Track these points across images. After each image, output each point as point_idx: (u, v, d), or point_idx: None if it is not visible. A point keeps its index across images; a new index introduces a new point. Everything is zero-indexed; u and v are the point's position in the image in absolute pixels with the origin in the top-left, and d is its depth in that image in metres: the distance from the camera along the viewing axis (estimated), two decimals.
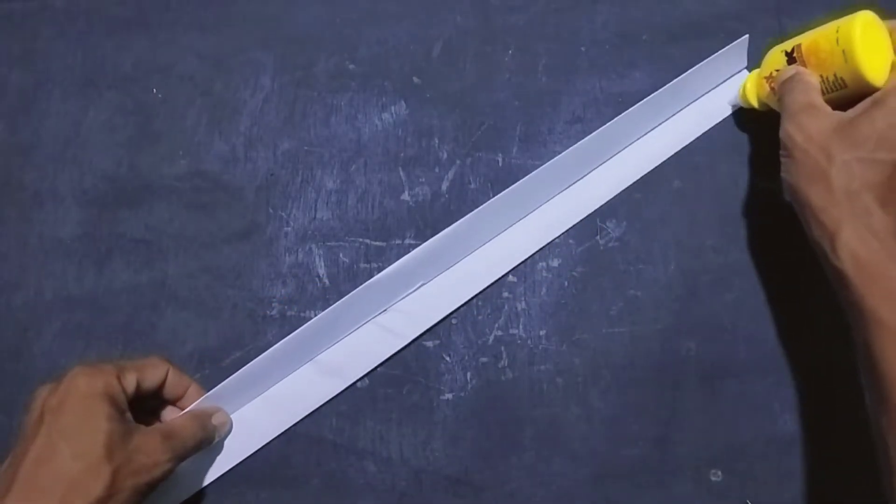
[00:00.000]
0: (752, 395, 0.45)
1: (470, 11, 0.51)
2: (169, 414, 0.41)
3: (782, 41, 0.44)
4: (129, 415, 0.37)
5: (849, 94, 0.40)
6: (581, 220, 0.47)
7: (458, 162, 0.49)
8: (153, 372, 0.39)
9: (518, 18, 0.51)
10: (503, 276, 0.46)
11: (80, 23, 0.52)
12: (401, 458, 0.44)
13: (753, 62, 0.49)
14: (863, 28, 0.39)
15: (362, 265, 0.47)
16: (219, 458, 0.43)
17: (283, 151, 0.49)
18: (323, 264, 0.47)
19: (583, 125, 0.49)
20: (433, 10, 0.52)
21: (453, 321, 0.46)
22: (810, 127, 0.38)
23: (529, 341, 0.46)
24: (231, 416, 0.43)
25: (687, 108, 0.50)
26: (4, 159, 0.49)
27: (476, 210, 0.44)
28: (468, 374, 0.45)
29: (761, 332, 0.46)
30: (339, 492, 0.43)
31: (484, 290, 0.46)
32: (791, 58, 0.42)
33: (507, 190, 0.45)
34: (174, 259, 0.47)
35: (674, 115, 0.50)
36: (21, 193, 0.49)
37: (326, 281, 0.47)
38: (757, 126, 0.49)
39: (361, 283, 0.46)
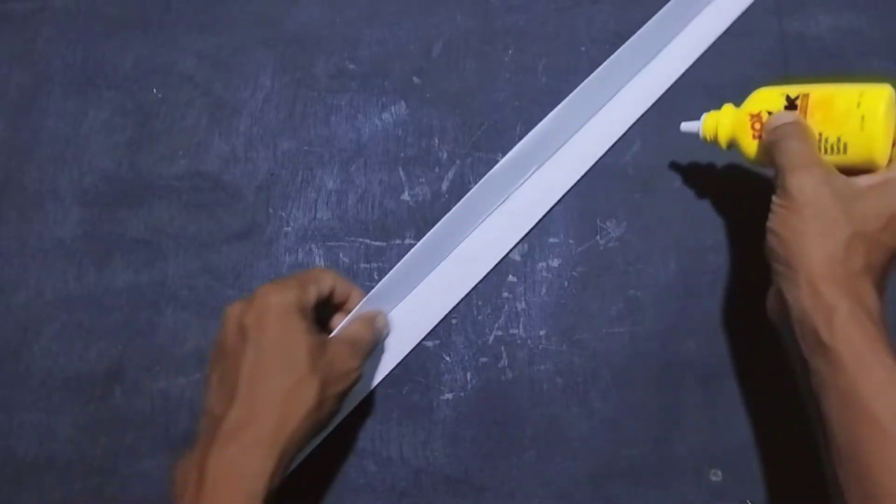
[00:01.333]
0: (752, 395, 0.45)
1: (470, 11, 0.51)
2: (337, 319, 0.42)
3: (778, 83, 0.41)
4: (316, 326, 0.38)
5: (843, 161, 0.38)
6: (581, 220, 0.47)
7: (458, 162, 0.49)
8: (325, 281, 0.40)
9: (518, 18, 0.51)
10: (508, 278, 0.46)
11: (80, 23, 0.52)
12: (401, 458, 0.44)
13: None
14: (888, 101, 0.37)
15: (362, 265, 0.47)
16: (382, 359, 0.45)
17: (283, 151, 0.49)
18: (323, 264, 0.47)
19: None
20: (433, 10, 0.52)
21: (453, 321, 0.46)
22: (824, 186, 0.36)
23: (529, 341, 0.46)
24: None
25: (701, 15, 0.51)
26: (4, 159, 0.49)
27: (569, 97, 0.46)
28: (468, 374, 0.45)
29: (761, 332, 0.45)
30: (339, 492, 0.43)
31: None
32: (792, 104, 0.39)
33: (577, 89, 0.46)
34: (174, 259, 0.47)
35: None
36: (21, 193, 0.49)
37: None
38: None
39: (361, 284, 0.46)
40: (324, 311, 0.41)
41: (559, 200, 0.48)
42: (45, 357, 0.46)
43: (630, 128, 0.49)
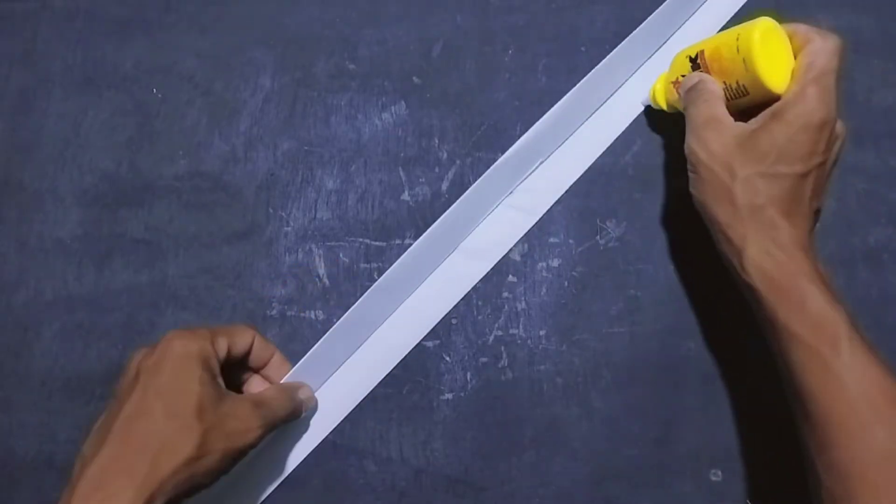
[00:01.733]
0: (752, 395, 0.45)
1: (470, 11, 0.51)
2: (255, 385, 0.41)
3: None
4: (220, 380, 0.37)
5: (751, 101, 0.39)
6: (581, 220, 0.47)
7: (458, 162, 0.49)
8: (242, 338, 0.40)
9: (518, 18, 0.51)
10: (507, 278, 0.46)
11: (80, 23, 0.52)
12: (401, 458, 0.44)
13: None
14: (762, 35, 0.38)
15: (362, 265, 0.47)
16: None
17: (283, 151, 0.49)
18: (323, 264, 0.47)
19: None
20: (433, 10, 0.52)
21: (453, 321, 0.46)
22: (713, 142, 0.38)
23: (529, 341, 0.46)
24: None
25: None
26: (4, 159, 0.49)
27: (580, 84, 0.46)
28: (468, 374, 0.45)
29: (761, 332, 0.45)
30: (339, 492, 0.43)
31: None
32: (695, 64, 0.41)
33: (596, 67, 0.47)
34: (174, 259, 0.47)
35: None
36: (21, 193, 0.49)
37: (326, 281, 0.47)
38: None
39: (361, 284, 0.46)
40: (239, 373, 0.41)
41: (559, 200, 0.48)
42: (45, 357, 0.46)
43: (630, 128, 0.49)
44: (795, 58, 0.38)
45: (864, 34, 0.51)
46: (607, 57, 0.47)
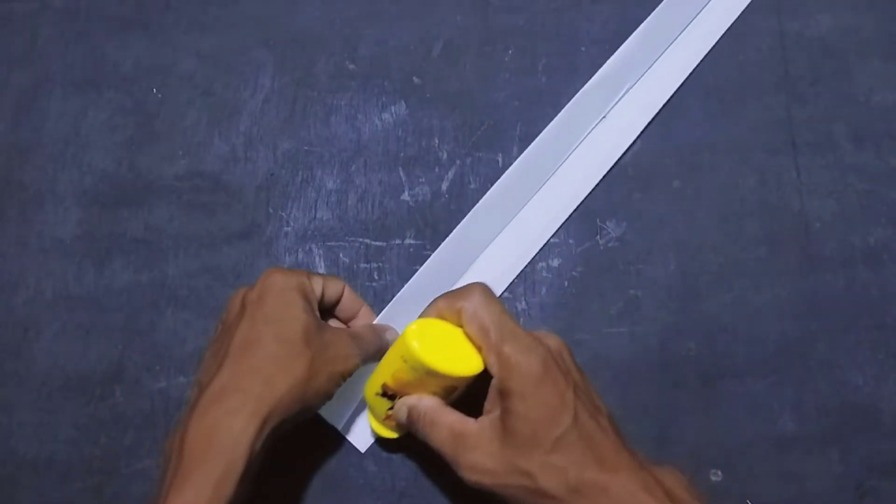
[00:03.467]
0: (752, 395, 0.44)
1: (470, 11, 0.51)
2: None
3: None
4: (318, 313, 0.38)
5: (465, 389, 0.37)
6: (581, 220, 0.47)
7: (458, 162, 0.49)
8: (334, 285, 0.41)
9: (518, 18, 0.51)
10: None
11: (80, 23, 0.52)
12: (401, 458, 0.44)
13: None
14: (420, 342, 0.35)
15: (362, 265, 0.47)
16: None
17: (283, 151, 0.49)
18: (323, 264, 0.47)
19: None
20: (433, 10, 0.52)
21: None
22: (480, 460, 0.34)
23: None
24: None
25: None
26: (4, 159, 0.49)
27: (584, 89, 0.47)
28: None
29: (761, 332, 0.46)
30: (339, 492, 0.43)
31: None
32: (389, 396, 0.38)
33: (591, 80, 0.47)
34: (174, 259, 0.47)
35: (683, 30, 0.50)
36: (21, 193, 0.49)
37: None
38: (757, 124, 0.49)
39: (361, 283, 0.46)
40: (326, 321, 0.41)
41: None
42: (45, 357, 0.46)
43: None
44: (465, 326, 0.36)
45: (864, 34, 0.51)
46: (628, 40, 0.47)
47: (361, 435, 0.44)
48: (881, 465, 0.43)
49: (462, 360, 0.36)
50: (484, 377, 0.36)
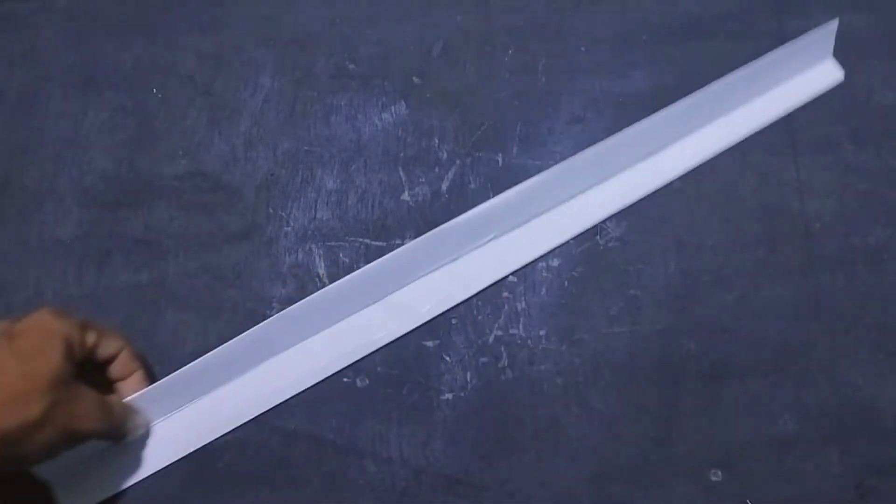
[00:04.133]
0: (752, 395, 0.45)
1: (470, 11, 0.51)
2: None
3: None
4: (73, 366, 0.37)
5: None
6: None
7: (458, 162, 0.49)
8: (111, 343, 0.40)
9: (518, 18, 0.51)
10: (504, 278, 0.46)
11: (80, 23, 0.52)
12: (401, 458, 0.44)
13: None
14: None
15: (362, 265, 0.47)
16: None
17: (283, 151, 0.49)
18: (323, 264, 0.47)
19: (583, 125, 0.49)
20: (433, 10, 0.52)
21: (453, 321, 0.46)
22: None
23: (529, 341, 0.46)
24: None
25: (763, 94, 0.49)
26: (4, 159, 0.49)
27: (551, 169, 0.45)
28: (468, 374, 0.45)
29: (761, 332, 0.46)
30: (339, 492, 0.43)
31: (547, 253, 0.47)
32: None
33: (579, 154, 0.45)
34: (174, 259, 0.47)
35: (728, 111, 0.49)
36: (21, 193, 0.49)
37: (326, 281, 0.47)
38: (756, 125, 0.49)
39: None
40: (96, 378, 0.40)
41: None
42: None
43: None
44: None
45: (864, 34, 0.51)
46: (579, 154, 0.45)
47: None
48: (881, 465, 0.43)
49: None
50: None
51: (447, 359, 0.45)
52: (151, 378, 0.43)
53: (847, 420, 0.44)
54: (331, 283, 0.46)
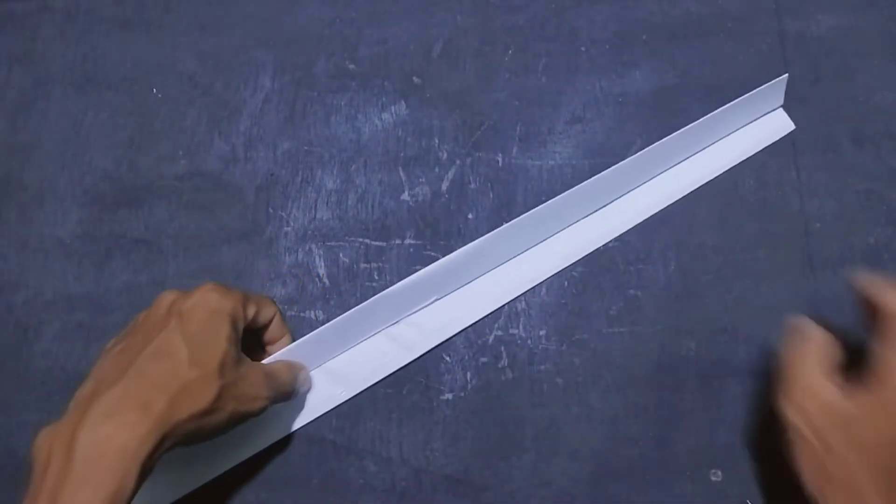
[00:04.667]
0: (752, 395, 0.44)
1: (470, 11, 0.51)
2: (257, 356, 0.42)
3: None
4: (239, 343, 0.37)
5: None
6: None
7: (458, 162, 0.49)
8: (266, 310, 0.40)
9: (518, 18, 0.51)
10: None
11: (80, 23, 0.52)
12: (401, 458, 0.44)
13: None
14: None
15: (362, 265, 0.47)
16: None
17: (283, 151, 0.49)
18: (323, 264, 0.47)
19: (583, 125, 0.49)
20: (433, 10, 0.52)
21: None
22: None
23: (529, 341, 0.46)
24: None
25: (715, 144, 0.49)
26: (4, 159, 0.49)
27: (496, 230, 0.44)
28: (468, 374, 0.45)
29: (761, 332, 0.46)
30: (339, 492, 0.43)
31: (495, 310, 0.46)
32: None
33: (527, 213, 0.44)
34: (174, 259, 0.47)
35: (701, 149, 0.49)
36: (21, 193, 0.49)
37: (326, 281, 0.47)
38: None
39: (361, 283, 0.46)
40: (251, 342, 0.41)
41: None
42: (45, 357, 0.46)
43: (630, 128, 0.49)
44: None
45: (864, 34, 0.51)
46: (539, 208, 0.45)
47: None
48: None
49: None
50: None
51: (447, 359, 0.45)
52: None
53: None
54: (330, 283, 0.47)
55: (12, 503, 0.43)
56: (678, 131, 0.46)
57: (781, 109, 0.49)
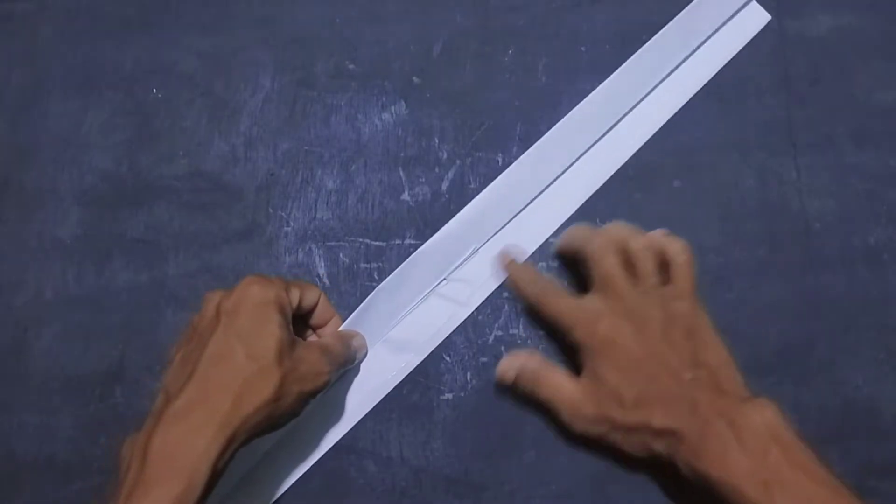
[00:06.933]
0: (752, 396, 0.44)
1: (470, 11, 0.51)
2: (308, 339, 0.43)
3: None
4: (291, 327, 0.38)
5: None
6: (581, 220, 0.47)
7: (458, 162, 0.49)
8: (310, 294, 0.41)
9: (518, 18, 0.51)
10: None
11: (80, 23, 0.52)
12: (401, 458, 0.44)
13: None
14: None
15: (362, 265, 0.47)
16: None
17: (283, 151, 0.49)
18: (323, 264, 0.47)
19: None
20: (433, 10, 0.52)
21: None
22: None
23: (529, 341, 0.46)
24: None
25: (698, 51, 0.49)
26: (4, 159, 0.49)
27: (515, 162, 0.45)
28: (468, 374, 0.45)
29: (761, 332, 0.45)
30: (339, 492, 0.43)
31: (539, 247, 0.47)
32: None
33: (541, 139, 0.46)
34: (174, 259, 0.47)
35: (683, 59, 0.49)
36: (21, 193, 0.49)
37: (326, 281, 0.47)
38: (757, 124, 0.49)
39: (361, 283, 0.46)
40: (298, 328, 0.41)
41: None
42: (45, 357, 0.46)
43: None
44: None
45: (864, 34, 0.51)
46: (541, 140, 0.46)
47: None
48: (881, 465, 0.43)
49: None
50: None
51: (447, 359, 0.45)
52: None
53: (847, 420, 0.44)
54: (331, 283, 0.47)
55: (12, 503, 0.43)
56: (656, 34, 0.47)
57: (755, 2, 0.49)
